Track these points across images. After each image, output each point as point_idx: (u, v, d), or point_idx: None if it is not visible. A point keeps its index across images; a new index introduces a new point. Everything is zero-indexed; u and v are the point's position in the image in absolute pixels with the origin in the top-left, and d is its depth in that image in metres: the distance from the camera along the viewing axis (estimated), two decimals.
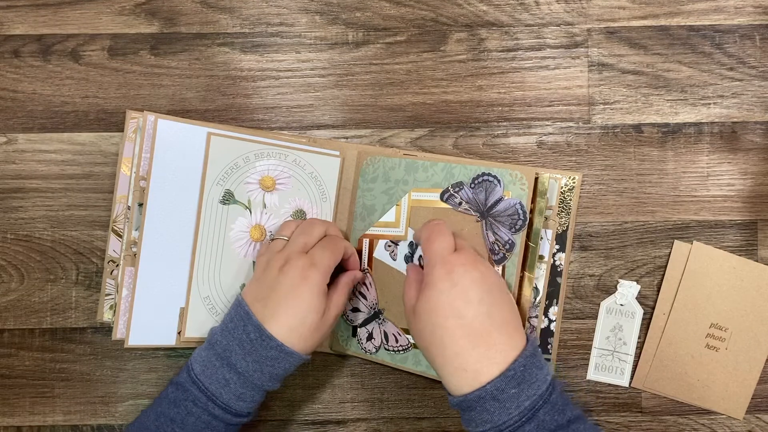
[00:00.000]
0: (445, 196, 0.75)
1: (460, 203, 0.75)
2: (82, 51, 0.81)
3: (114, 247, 0.78)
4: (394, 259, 0.77)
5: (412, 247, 0.77)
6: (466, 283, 0.65)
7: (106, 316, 0.78)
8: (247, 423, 0.72)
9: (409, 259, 0.77)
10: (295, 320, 0.69)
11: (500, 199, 0.73)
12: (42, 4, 0.81)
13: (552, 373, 0.64)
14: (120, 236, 0.78)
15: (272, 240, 0.75)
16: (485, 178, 0.74)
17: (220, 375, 0.68)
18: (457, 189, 0.75)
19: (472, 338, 0.63)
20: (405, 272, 0.76)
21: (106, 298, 0.78)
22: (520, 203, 0.73)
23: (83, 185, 0.81)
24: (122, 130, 0.79)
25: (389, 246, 0.78)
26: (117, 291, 0.76)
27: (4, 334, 0.81)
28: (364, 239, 0.80)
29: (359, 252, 0.80)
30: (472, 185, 0.74)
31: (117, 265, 0.78)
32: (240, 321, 0.69)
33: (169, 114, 0.78)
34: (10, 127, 0.81)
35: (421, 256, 0.75)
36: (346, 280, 0.75)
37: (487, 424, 0.62)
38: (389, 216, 0.78)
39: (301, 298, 0.69)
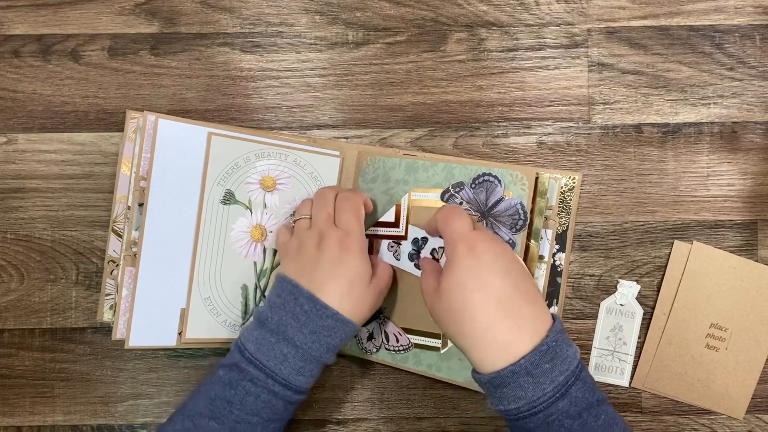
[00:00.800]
0: (445, 196, 0.75)
1: (460, 203, 0.75)
2: (82, 51, 0.81)
3: (114, 247, 0.78)
4: (398, 259, 0.77)
5: (417, 244, 0.77)
6: (490, 256, 0.65)
7: (106, 316, 0.78)
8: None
9: (414, 256, 0.77)
10: (345, 288, 0.68)
11: (501, 199, 0.73)
12: (42, 4, 0.81)
13: (579, 351, 0.64)
14: (120, 236, 0.78)
15: (295, 221, 0.75)
16: (486, 178, 0.74)
17: (277, 350, 0.67)
18: (457, 189, 0.75)
19: (502, 309, 0.63)
20: (410, 270, 0.76)
21: (106, 298, 0.78)
22: (521, 203, 0.73)
23: (83, 185, 0.81)
24: (122, 130, 0.79)
25: (392, 246, 0.78)
26: (117, 291, 0.76)
27: (4, 334, 0.81)
28: (365, 239, 0.79)
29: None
30: (473, 185, 0.74)
31: (117, 265, 0.78)
32: (290, 295, 0.68)
33: (169, 114, 0.78)
34: (10, 127, 0.81)
35: (433, 249, 0.75)
36: (383, 266, 0.75)
37: (521, 401, 0.61)
38: (389, 216, 0.78)
39: (347, 266, 0.69)
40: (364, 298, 0.70)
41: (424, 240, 0.76)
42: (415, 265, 0.77)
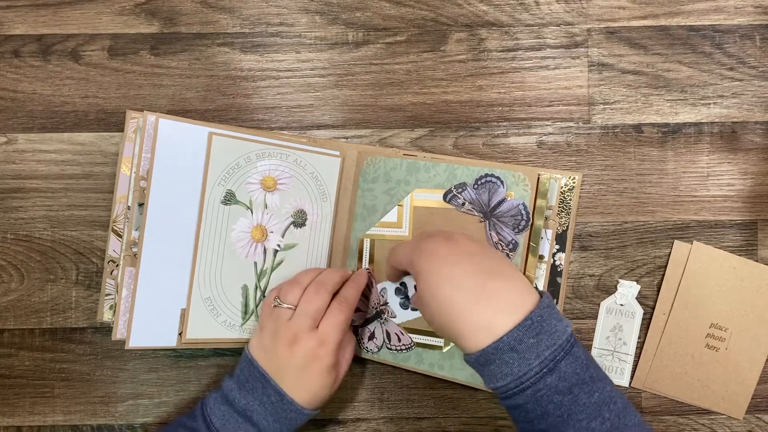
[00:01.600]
0: (448, 196, 0.76)
1: (463, 204, 0.75)
2: (82, 51, 0.81)
3: (114, 247, 0.78)
4: (394, 317, 0.79)
5: (401, 292, 0.78)
6: (443, 251, 0.65)
7: (106, 316, 0.78)
8: None
9: (406, 304, 0.78)
10: (309, 395, 0.71)
11: (503, 200, 0.73)
12: (42, 4, 0.81)
13: (572, 327, 0.63)
14: (120, 236, 0.78)
15: (275, 306, 0.73)
16: (488, 179, 0.74)
17: (242, 429, 0.70)
18: (460, 189, 0.75)
19: (471, 295, 0.62)
20: (413, 317, 0.78)
21: (106, 298, 0.78)
22: (523, 204, 0.73)
23: (83, 185, 0.81)
24: (122, 130, 0.79)
25: (382, 319, 0.79)
26: (117, 291, 0.76)
27: (4, 334, 0.81)
28: (366, 239, 0.80)
29: (360, 252, 0.80)
30: (476, 186, 0.74)
31: (117, 265, 0.78)
32: (258, 383, 0.71)
33: (170, 114, 0.78)
34: (10, 127, 0.81)
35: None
36: (350, 340, 0.77)
37: (508, 377, 0.61)
38: (391, 216, 0.78)
39: (313, 377, 0.71)
40: (326, 396, 0.73)
41: (402, 285, 0.78)
42: (411, 309, 0.78)
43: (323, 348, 0.71)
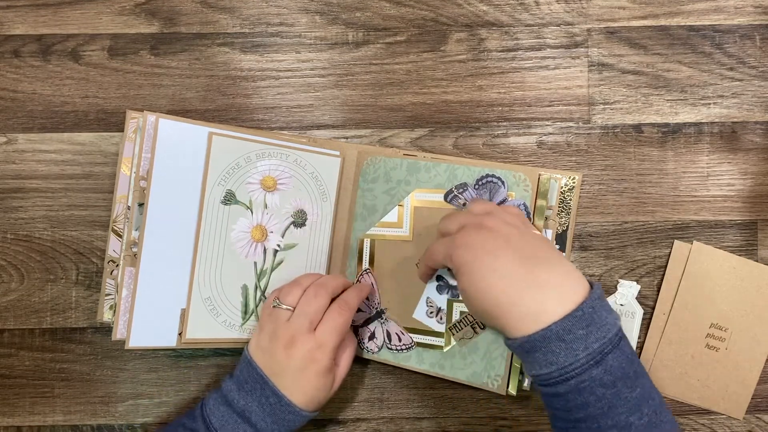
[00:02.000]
0: (449, 197, 0.76)
1: (464, 204, 0.75)
2: (82, 51, 0.81)
3: (114, 247, 0.78)
4: (441, 322, 0.77)
5: (441, 280, 0.77)
6: (480, 242, 0.64)
7: (106, 316, 0.78)
8: None
9: (443, 288, 0.77)
10: (306, 397, 0.71)
11: (504, 200, 0.73)
12: (42, 4, 0.81)
13: (620, 320, 0.62)
14: (120, 236, 0.78)
15: (275, 307, 0.73)
16: (489, 179, 0.74)
17: (240, 430, 0.70)
18: (461, 190, 0.75)
19: (520, 282, 0.62)
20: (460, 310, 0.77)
21: (106, 298, 0.78)
22: (524, 204, 0.73)
23: (83, 185, 0.81)
24: (122, 130, 0.79)
25: (431, 312, 0.78)
26: (117, 291, 0.76)
27: (4, 334, 0.81)
28: (366, 239, 0.80)
29: (360, 252, 0.80)
30: (476, 186, 0.74)
31: (117, 265, 0.78)
32: (257, 384, 0.71)
33: (170, 114, 0.78)
34: (10, 127, 0.81)
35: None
36: (350, 342, 0.76)
37: (552, 366, 0.60)
38: (392, 216, 0.78)
39: (310, 379, 0.71)
40: (323, 399, 0.73)
41: (440, 279, 0.77)
42: (451, 296, 0.77)
43: (320, 351, 0.71)
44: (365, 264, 0.80)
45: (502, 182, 0.74)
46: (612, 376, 0.59)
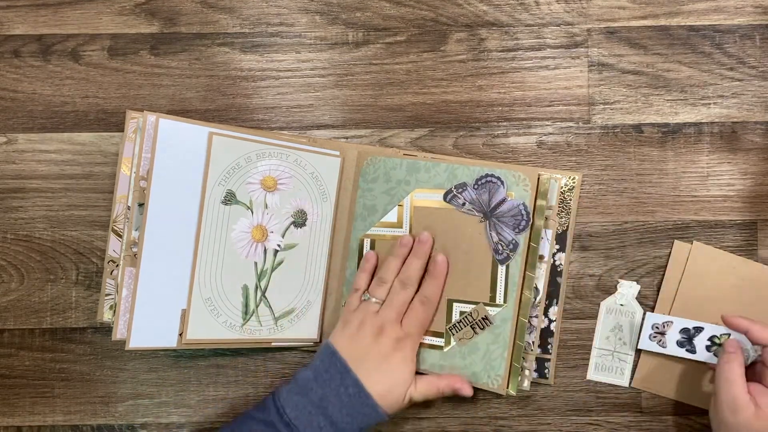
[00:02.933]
0: (448, 196, 0.76)
1: (463, 204, 0.75)
2: (82, 51, 0.81)
3: (114, 247, 0.78)
4: (664, 347, 0.77)
5: (687, 333, 0.77)
6: None
7: (106, 316, 0.78)
8: None
9: (684, 343, 0.77)
10: (384, 387, 0.72)
11: (504, 200, 0.73)
12: (42, 4, 0.81)
13: None
14: (120, 236, 0.78)
15: (365, 300, 0.76)
16: (488, 179, 0.74)
17: (315, 422, 0.70)
18: (460, 190, 0.75)
19: None
20: (690, 357, 0.77)
21: (106, 298, 0.78)
22: (524, 204, 0.73)
23: (83, 185, 0.81)
24: (122, 130, 0.78)
25: (655, 336, 0.78)
26: (117, 291, 0.76)
27: (4, 334, 0.81)
28: (366, 239, 0.80)
29: (360, 252, 0.80)
30: (476, 186, 0.74)
31: (117, 265, 0.78)
32: (337, 374, 0.72)
33: (170, 114, 0.78)
34: (10, 127, 0.81)
35: (713, 336, 0.75)
36: (439, 384, 0.75)
37: None
38: (391, 216, 0.78)
39: (393, 367, 0.72)
40: (399, 400, 0.73)
41: (697, 329, 0.76)
42: (711, 351, 0.76)
43: (406, 340, 0.73)
44: None
45: (502, 182, 0.74)
46: None
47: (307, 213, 0.80)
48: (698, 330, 0.76)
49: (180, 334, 0.76)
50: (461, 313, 0.75)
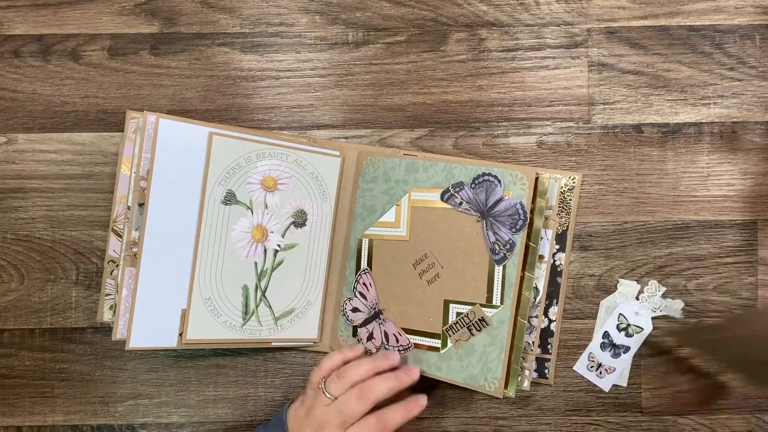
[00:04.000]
0: (445, 196, 0.76)
1: (460, 203, 0.75)
2: (82, 51, 0.81)
3: (114, 247, 0.78)
4: (600, 377, 0.79)
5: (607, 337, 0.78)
6: None
7: (106, 316, 0.78)
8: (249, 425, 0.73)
9: (606, 346, 0.78)
10: None
11: (501, 199, 0.73)
12: (42, 4, 0.81)
13: None
14: (120, 236, 0.78)
15: (320, 388, 0.73)
16: (485, 178, 0.74)
17: None
18: (457, 189, 0.75)
19: None
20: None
21: (106, 298, 0.78)
22: (521, 203, 0.73)
23: (83, 185, 0.81)
24: (122, 130, 0.79)
25: (591, 367, 0.79)
26: (117, 291, 0.76)
27: (4, 334, 0.81)
28: (364, 239, 0.80)
29: (359, 252, 0.80)
30: (473, 185, 0.74)
31: (117, 265, 0.78)
32: None
33: (170, 114, 0.78)
34: (10, 127, 0.81)
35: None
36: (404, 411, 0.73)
37: None
38: (389, 216, 0.78)
39: None
40: None
41: (606, 335, 0.78)
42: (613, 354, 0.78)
43: None
44: (363, 264, 0.80)
45: (499, 181, 0.73)
46: None
47: (307, 213, 0.80)
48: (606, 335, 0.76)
49: (180, 334, 0.77)
50: (458, 314, 0.75)
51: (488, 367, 0.74)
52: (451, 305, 0.76)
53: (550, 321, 0.79)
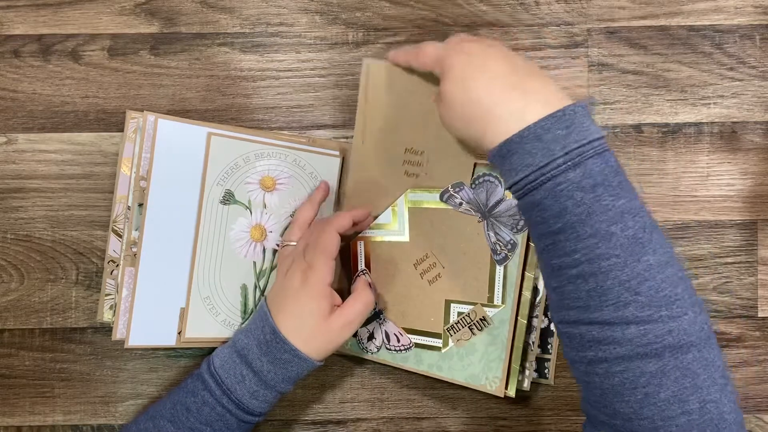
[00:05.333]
0: (445, 196, 0.75)
1: (460, 203, 0.75)
2: (82, 51, 0.81)
3: (114, 247, 0.78)
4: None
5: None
6: (481, 47, 0.63)
7: (106, 316, 0.78)
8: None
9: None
10: (295, 323, 0.70)
11: (501, 200, 0.73)
12: (42, 4, 0.81)
13: (605, 135, 0.59)
14: (120, 236, 0.78)
15: (283, 247, 0.76)
16: (486, 178, 0.74)
17: (237, 371, 0.70)
18: (457, 189, 0.75)
19: (506, 83, 0.60)
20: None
21: (106, 298, 0.78)
22: None
23: (83, 185, 0.81)
24: (122, 130, 0.79)
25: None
26: (117, 291, 0.76)
27: (4, 334, 0.81)
28: (359, 242, 0.79)
29: (355, 255, 0.80)
30: (473, 185, 0.74)
31: (117, 265, 0.78)
32: (259, 321, 0.71)
33: (169, 114, 0.78)
34: (10, 127, 0.81)
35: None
36: (361, 301, 0.73)
37: (528, 169, 0.57)
38: (385, 217, 0.78)
39: (301, 301, 0.70)
40: (316, 334, 0.70)
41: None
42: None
43: (311, 272, 0.70)
44: (361, 265, 0.80)
45: (499, 181, 0.73)
46: (592, 180, 0.56)
47: None
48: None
49: (179, 333, 0.77)
50: (459, 314, 0.75)
51: (489, 366, 0.74)
52: (452, 305, 0.76)
53: (550, 321, 0.79)
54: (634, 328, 0.55)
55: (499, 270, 0.74)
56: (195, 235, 0.76)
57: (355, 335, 0.79)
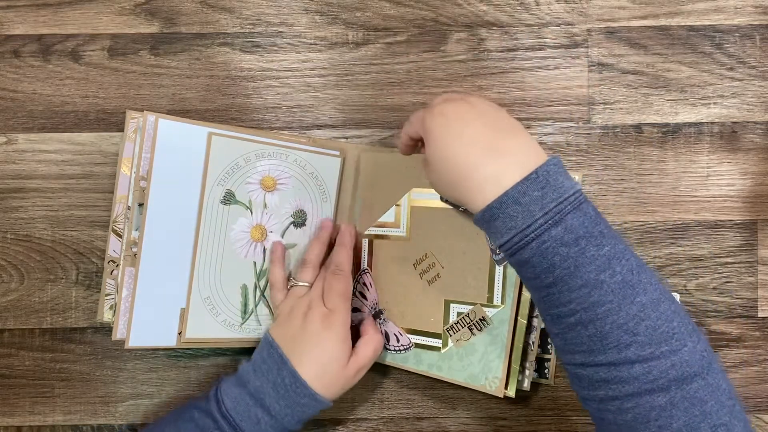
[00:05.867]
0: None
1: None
2: (82, 51, 0.81)
3: (114, 247, 0.78)
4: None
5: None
6: (458, 110, 0.64)
7: (106, 316, 0.78)
8: None
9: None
10: (318, 369, 0.71)
11: None
12: (42, 4, 0.81)
13: (581, 187, 0.61)
14: (120, 236, 0.78)
15: (292, 287, 0.77)
16: None
17: (252, 413, 0.70)
18: None
19: (482, 148, 0.61)
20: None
21: (106, 298, 0.78)
22: None
23: (83, 185, 0.81)
24: (122, 130, 0.79)
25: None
26: (117, 291, 0.76)
27: (4, 334, 0.81)
28: (363, 239, 0.80)
29: (359, 252, 0.80)
30: None
31: (117, 265, 0.78)
32: (274, 364, 0.71)
33: (170, 114, 0.78)
34: (10, 127, 0.81)
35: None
36: (372, 345, 0.76)
37: (512, 231, 0.59)
38: (389, 216, 0.78)
39: (324, 347, 0.71)
40: (337, 380, 0.72)
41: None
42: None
43: (333, 316, 0.72)
44: (363, 264, 0.80)
45: None
46: (573, 234, 0.58)
47: (306, 213, 0.80)
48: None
49: (179, 333, 0.77)
50: (458, 314, 0.75)
51: (489, 366, 0.74)
52: (451, 305, 0.76)
53: None
54: (639, 367, 0.57)
55: (499, 270, 0.74)
56: (195, 235, 0.76)
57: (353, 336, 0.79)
